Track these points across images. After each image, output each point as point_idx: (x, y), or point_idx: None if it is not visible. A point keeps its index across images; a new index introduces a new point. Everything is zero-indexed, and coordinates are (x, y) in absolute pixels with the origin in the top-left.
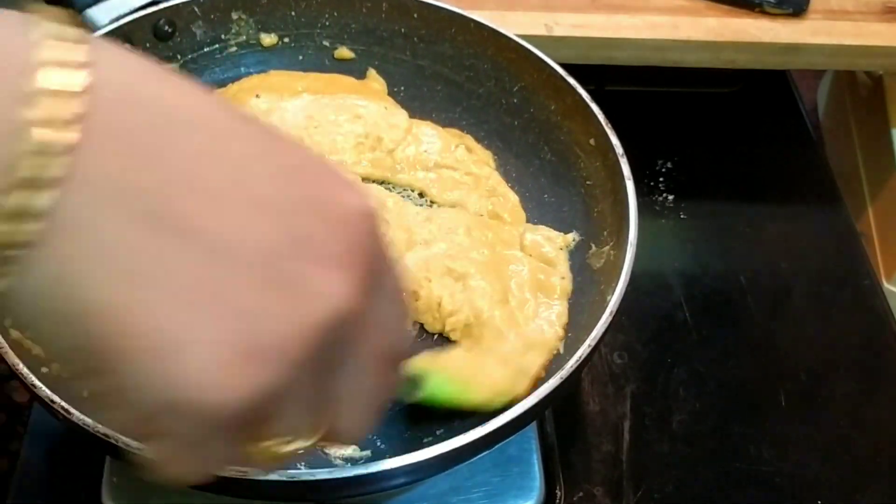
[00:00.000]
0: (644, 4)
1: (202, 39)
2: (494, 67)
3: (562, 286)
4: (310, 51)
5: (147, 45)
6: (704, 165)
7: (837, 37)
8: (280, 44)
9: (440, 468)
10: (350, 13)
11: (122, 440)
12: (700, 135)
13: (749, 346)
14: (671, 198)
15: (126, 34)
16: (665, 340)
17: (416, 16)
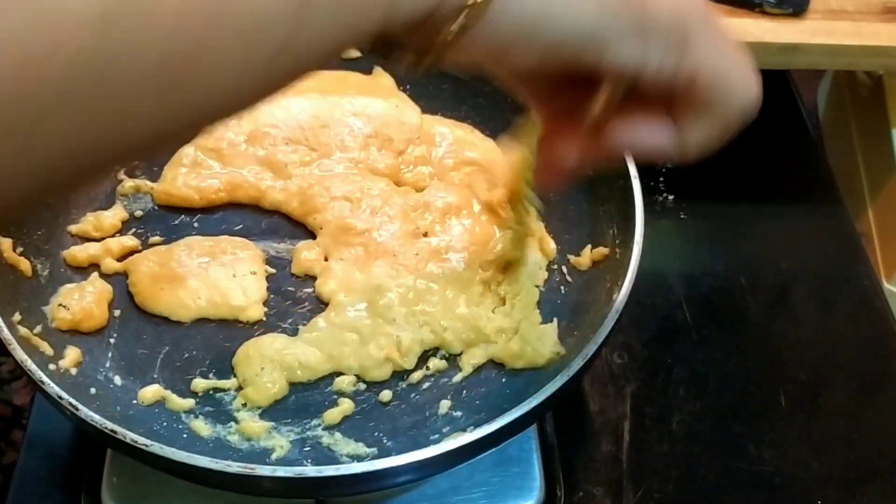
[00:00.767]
0: None
1: None
2: None
3: None
4: None
5: None
6: (704, 165)
7: (837, 37)
8: None
9: (445, 466)
10: None
11: (130, 436)
12: None
13: (750, 347)
14: (671, 198)
15: None
16: (665, 340)
17: None
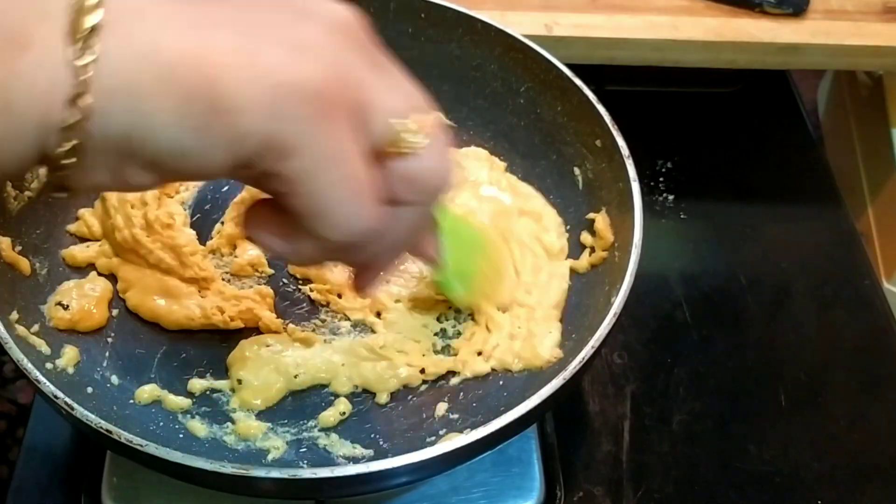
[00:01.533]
0: (644, 4)
1: None
2: (501, 68)
3: None
4: None
5: None
6: (704, 165)
7: (837, 37)
8: None
9: (442, 468)
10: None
11: (125, 436)
12: (700, 135)
13: (750, 347)
14: (671, 198)
15: None
16: (665, 340)
17: (424, 16)
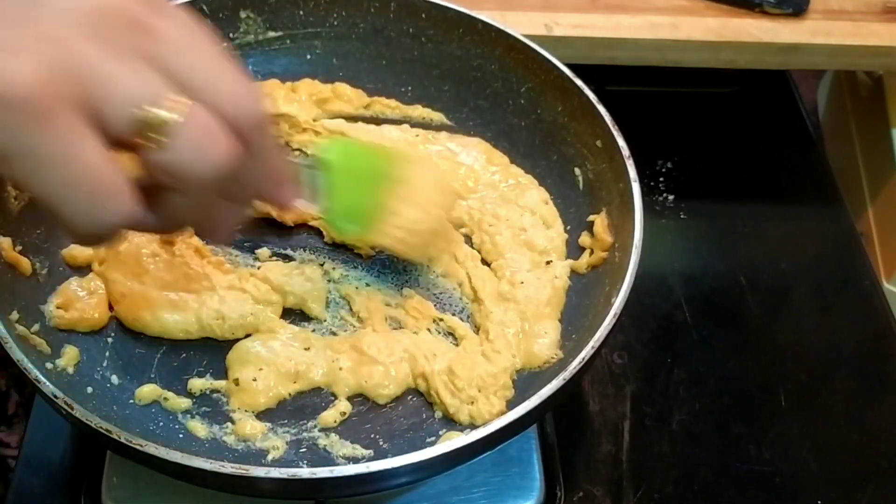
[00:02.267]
0: (644, 4)
1: None
2: (502, 68)
3: None
4: (318, 50)
5: None
6: (704, 165)
7: (837, 37)
8: (288, 42)
9: (441, 468)
10: (358, 13)
11: (125, 436)
12: (700, 135)
13: (749, 346)
14: (671, 198)
15: None
16: (665, 340)
17: (425, 16)
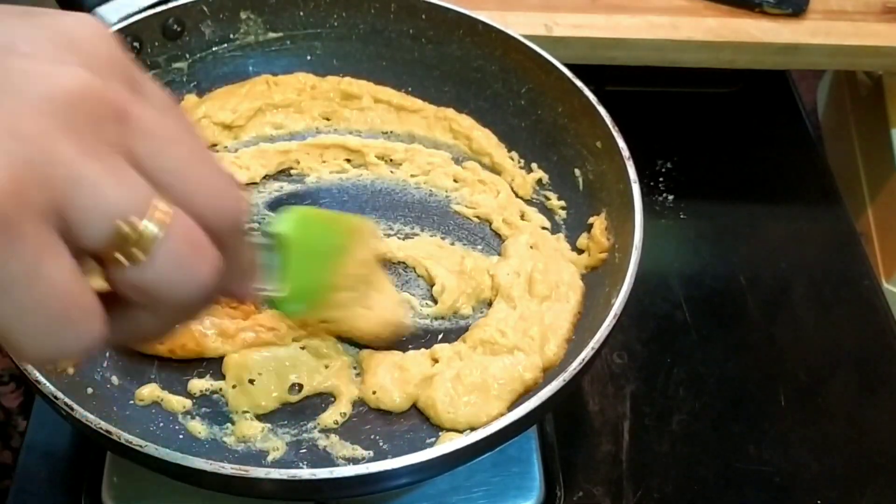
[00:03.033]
0: (644, 5)
1: (211, 38)
2: (502, 69)
3: None
4: (318, 51)
5: (156, 44)
6: (704, 165)
7: (837, 37)
8: (289, 43)
9: (442, 469)
10: (358, 14)
11: (125, 437)
12: (700, 135)
13: (749, 346)
14: (671, 198)
15: (135, 33)
16: (665, 340)
17: (425, 17)
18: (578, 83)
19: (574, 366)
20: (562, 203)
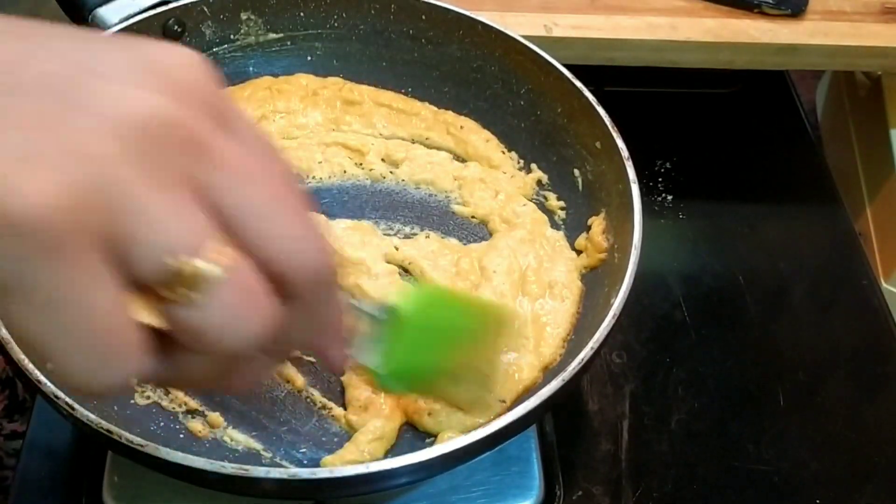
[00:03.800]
0: (643, 5)
1: (211, 39)
2: (502, 69)
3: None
4: (318, 52)
5: None
6: (704, 165)
7: (836, 37)
8: (289, 44)
9: (441, 469)
10: (358, 14)
11: (126, 436)
12: (699, 135)
13: (748, 346)
14: (670, 198)
15: (135, 33)
16: (664, 340)
17: (425, 17)
18: (578, 84)
19: (573, 365)
20: (561, 203)
